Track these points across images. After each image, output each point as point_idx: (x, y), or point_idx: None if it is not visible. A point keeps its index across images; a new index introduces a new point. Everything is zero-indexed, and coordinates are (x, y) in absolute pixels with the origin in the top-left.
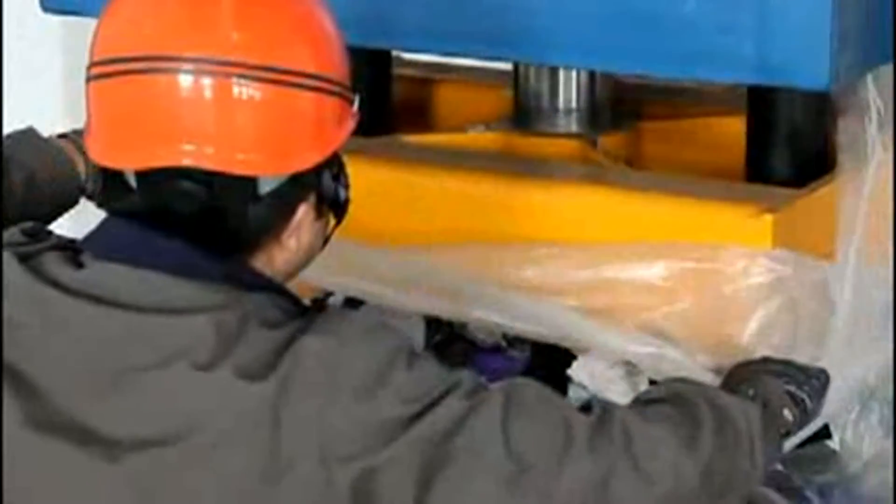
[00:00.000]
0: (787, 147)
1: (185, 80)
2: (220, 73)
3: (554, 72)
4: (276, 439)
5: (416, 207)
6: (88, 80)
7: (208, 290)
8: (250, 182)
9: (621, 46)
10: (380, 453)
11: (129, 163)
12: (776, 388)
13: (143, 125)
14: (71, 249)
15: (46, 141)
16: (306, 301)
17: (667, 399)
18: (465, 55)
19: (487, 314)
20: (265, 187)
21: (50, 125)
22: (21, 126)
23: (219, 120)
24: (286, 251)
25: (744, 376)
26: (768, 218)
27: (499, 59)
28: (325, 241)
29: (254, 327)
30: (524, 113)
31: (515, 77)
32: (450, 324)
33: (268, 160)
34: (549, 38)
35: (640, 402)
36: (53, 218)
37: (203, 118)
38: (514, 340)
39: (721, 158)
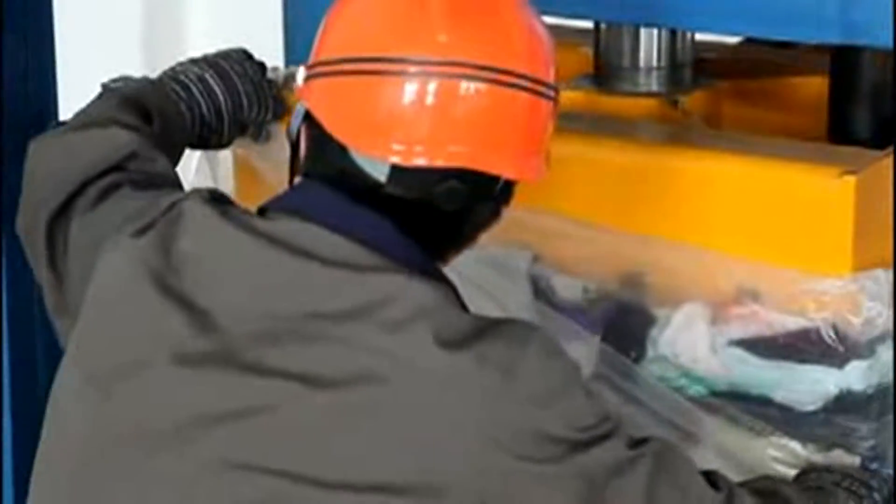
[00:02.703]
0: (870, 107)
1: (448, 83)
2: (496, 80)
3: (635, 31)
4: (445, 409)
5: None
6: (325, 74)
7: (399, 266)
8: (494, 182)
9: (705, 6)
10: (540, 465)
11: (392, 157)
12: None
13: (419, 121)
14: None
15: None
16: None
17: (781, 494)
18: (547, 13)
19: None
20: (497, 187)
21: None
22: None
23: (480, 124)
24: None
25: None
26: (851, 179)
27: (581, 17)
28: None
29: (448, 299)
30: (604, 71)
31: (596, 35)
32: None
33: (512, 164)
34: None
35: (756, 491)
36: None
37: (468, 120)
38: (595, 301)
39: (802, 119)
